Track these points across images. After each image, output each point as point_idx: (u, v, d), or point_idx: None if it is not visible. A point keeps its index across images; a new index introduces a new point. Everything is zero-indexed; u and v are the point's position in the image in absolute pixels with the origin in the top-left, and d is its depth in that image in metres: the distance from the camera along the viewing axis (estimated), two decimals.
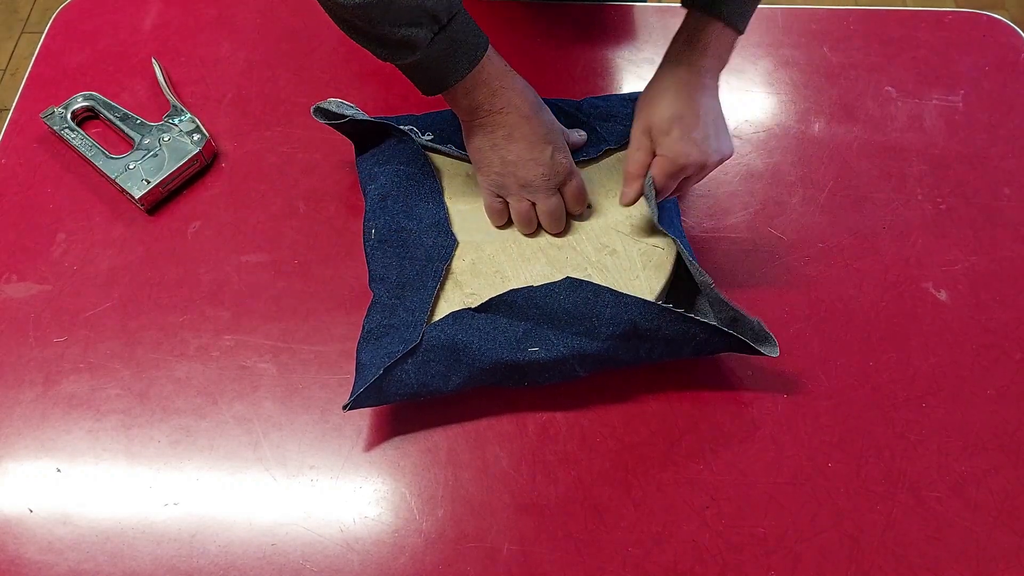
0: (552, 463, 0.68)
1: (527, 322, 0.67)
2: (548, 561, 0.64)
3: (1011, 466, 0.68)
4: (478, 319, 0.67)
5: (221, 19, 0.96)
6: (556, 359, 0.66)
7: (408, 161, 0.76)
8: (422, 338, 0.66)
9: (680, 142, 0.67)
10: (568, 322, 0.67)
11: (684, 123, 0.67)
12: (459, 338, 0.66)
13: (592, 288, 0.67)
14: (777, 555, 0.64)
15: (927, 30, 0.95)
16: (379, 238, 0.73)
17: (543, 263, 0.72)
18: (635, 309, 0.66)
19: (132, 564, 0.64)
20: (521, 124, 0.69)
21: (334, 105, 0.78)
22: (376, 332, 0.69)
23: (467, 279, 0.71)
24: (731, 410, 0.70)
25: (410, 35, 0.61)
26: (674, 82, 0.68)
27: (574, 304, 0.66)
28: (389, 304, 0.70)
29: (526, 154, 0.69)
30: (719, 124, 0.69)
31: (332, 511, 0.66)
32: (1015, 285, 0.77)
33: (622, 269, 0.71)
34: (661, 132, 0.68)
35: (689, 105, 0.67)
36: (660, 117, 0.67)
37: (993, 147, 0.86)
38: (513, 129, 0.69)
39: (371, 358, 0.67)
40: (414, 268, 0.71)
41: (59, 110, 0.85)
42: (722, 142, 0.69)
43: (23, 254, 0.79)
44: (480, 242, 0.73)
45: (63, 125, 0.85)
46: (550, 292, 0.67)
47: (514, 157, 0.69)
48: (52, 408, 0.71)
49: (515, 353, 0.66)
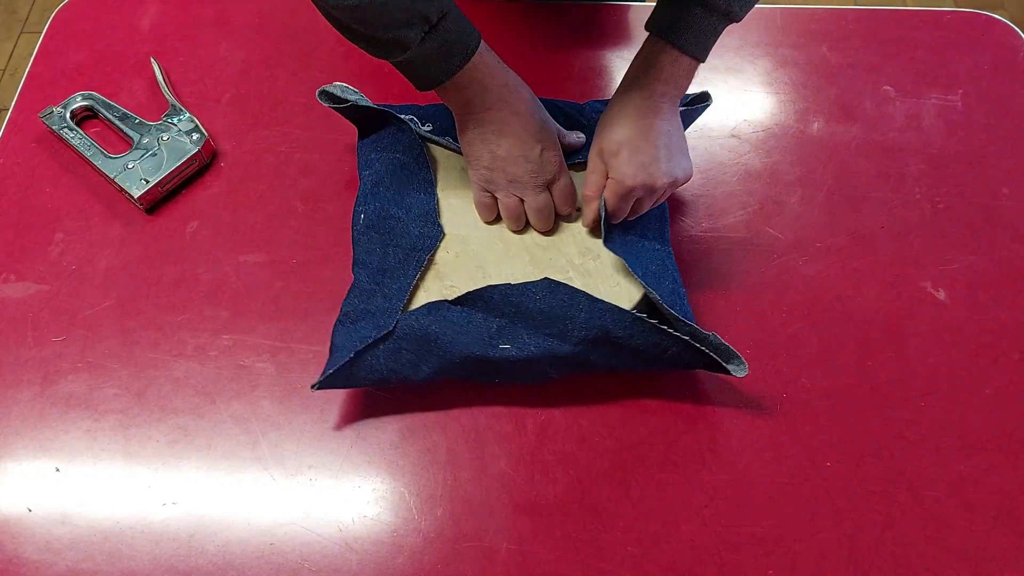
0: (551, 463, 0.68)
1: (502, 319, 0.68)
2: (546, 561, 0.64)
3: (1009, 466, 0.68)
4: (453, 312, 0.68)
5: (220, 19, 0.96)
6: (527, 358, 0.67)
7: (404, 150, 0.76)
8: (396, 325, 0.67)
9: (627, 165, 0.68)
10: (542, 322, 0.67)
11: (632, 146, 0.67)
12: (432, 329, 0.67)
13: (569, 291, 0.67)
14: (776, 555, 0.64)
15: (926, 30, 0.95)
16: (367, 223, 0.73)
17: (526, 262, 0.72)
18: (608, 316, 0.66)
19: (130, 563, 0.64)
20: (512, 120, 0.69)
21: (339, 89, 0.79)
22: (352, 315, 0.70)
23: (449, 271, 0.71)
24: (730, 410, 0.70)
25: (400, 36, 0.62)
26: (627, 106, 0.69)
27: (549, 305, 0.67)
28: (368, 289, 0.71)
29: (516, 150, 0.69)
30: (672, 147, 0.69)
31: (331, 510, 0.66)
32: (1013, 284, 0.77)
33: (603, 275, 0.71)
34: (611, 154, 0.69)
35: (639, 129, 0.68)
36: (610, 140, 0.69)
37: (991, 147, 0.86)
38: (504, 125, 0.69)
39: (344, 341, 0.68)
40: (397, 255, 0.71)
41: (58, 110, 0.85)
42: (674, 165, 0.69)
43: (21, 254, 0.79)
44: (466, 236, 0.73)
45: (62, 124, 0.85)
46: (527, 291, 0.68)
47: (503, 152, 0.70)
48: (50, 408, 0.71)
49: (486, 348, 0.67)
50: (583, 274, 0.71)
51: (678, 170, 0.69)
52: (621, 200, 0.69)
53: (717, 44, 0.69)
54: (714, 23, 0.67)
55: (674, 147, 0.69)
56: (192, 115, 0.85)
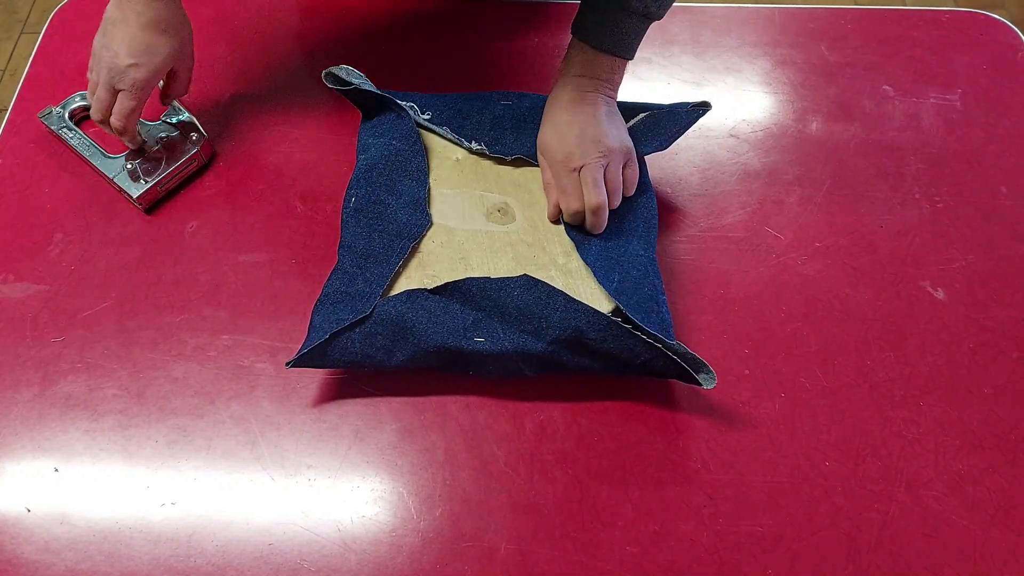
0: (550, 462, 0.68)
1: (478, 312, 0.68)
2: (546, 560, 0.64)
3: (1008, 464, 0.68)
4: (431, 301, 0.68)
5: (219, 18, 0.96)
6: (500, 353, 0.67)
7: (401, 137, 0.77)
8: (373, 310, 0.68)
9: (557, 150, 0.73)
10: (517, 319, 0.67)
11: (559, 133, 0.73)
12: (408, 316, 0.67)
13: (546, 289, 0.67)
14: (775, 554, 0.64)
15: (925, 29, 0.95)
16: (356, 206, 0.74)
17: (510, 257, 0.72)
18: (583, 317, 0.66)
19: (129, 564, 0.64)
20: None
21: (344, 72, 0.79)
22: (332, 297, 0.70)
23: (431, 260, 0.72)
24: (729, 409, 0.70)
25: None
26: (557, 104, 0.75)
27: (526, 302, 0.67)
28: (351, 272, 0.71)
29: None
30: (601, 123, 0.73)
31: (329, 510, 0.66)
32: (1012, 283, 0.77)
33: (585, 276, 0.71)
34: (545, 148, 0.75)
35: (570, 116, 0.73)
36: (544, 135, 0.75)
37: (990, 146, 0.86)
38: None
39: (322, 321, 0.69)
40: (383, 241, 0.72)
41: (57, 110, 0.85)
42: (602, 134, 0.72)
43: (20, 254, 0.79)
44: (454, 227, 0.74)
45: (61, 124, 0.85)
46: (505, 286, 0.68)
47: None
48: (49, 408, 0.71)
49: (460, 340, 0.67)
50: (565, 274, 0.71)
51: (611, 140, 0.72)
52: (567, 182, 0.72)
53: (715, 44, 0.69)
54: (635, 24, 0.71)
55: (604, 123, 0.73)
56: (191, 115, 0.85)
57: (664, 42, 0.94)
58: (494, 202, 0.76)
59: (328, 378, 0.72)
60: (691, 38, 0.94)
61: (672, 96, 0.90)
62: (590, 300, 0.68)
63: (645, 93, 0.90)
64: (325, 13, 0.97)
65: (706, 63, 0.93)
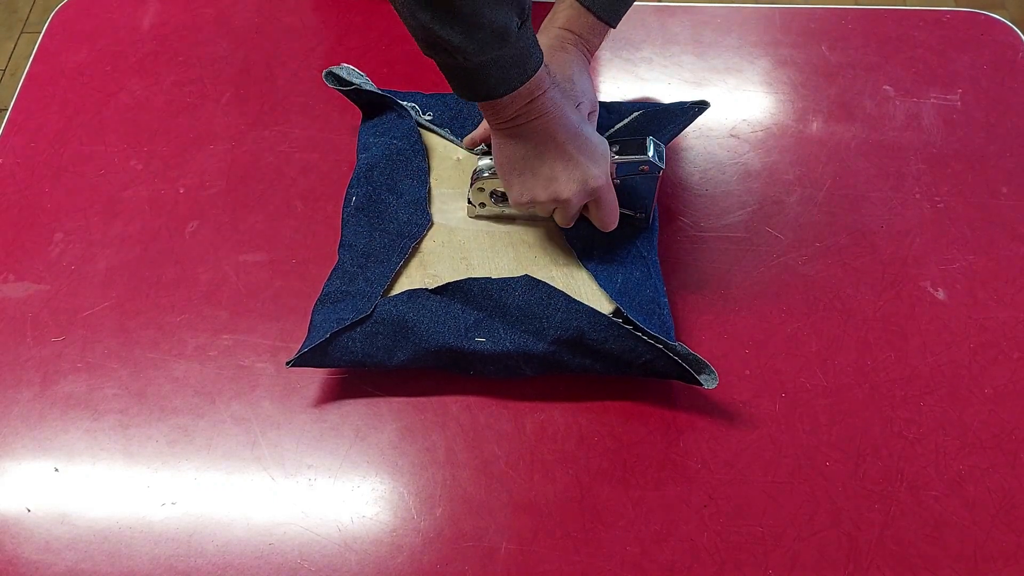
0: (550, 462, 0.68)
1: (479, 312, 0.68)
2: (546, 560, 0.64)
3: (1009, 464, 0.68)
4: (432, 301, 0.68)
5: (219, 18, 0.96)
6: (501, 353, 0.67)
7: (402, 137, 0.77)
8: (374, 310, 0.68)
9: None
10: (518, 319, 0.67)
11: None
12: (409, 316, 0.67)
13: (547, 290, 0.67)
14: (775, 554, 0.64)
15: (925, 29, 0.95)
16: (357, 205, 0.74)
17: (510, 258, 0.72)
18: (584, 318, 0.66)
19: (130, 563, 0.64)
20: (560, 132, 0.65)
21: (344, 72, 0.79)
22: (333, 296, 0.70)
23: (432, 260, 0.72)
24: (729, 409, 0.70)
25: (504, 22, 0.56)
26: None
27: (527, 302, 0.67)
28: (351, 271, 0.71)
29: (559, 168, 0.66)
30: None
31: (330, 510, 0.66)
32: (1013, 284, 0.77)
33: (585, 278, 0.71)
34: None
35: None
36: None
37: (991, 146, 0.86)
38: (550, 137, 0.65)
39: (322, 321, 0.69)
40: (383, 240, 0.72)
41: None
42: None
43: (21, 253, 0.79)
44: (454, 227, 0.74)
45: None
46: (506, 286, 0.68)
47: (547, 171, 0.66)
48: (50, 408, 0.71)
49: (461, 340, 0.67)
50: (566, 275, 0.71)
51: (579, 95, 0.71)
52: None
53: (715, 44, 0.69)
54: None
55: (575, 76, 0.71)
56: None
57: (664, 42, 0.94)
58: None
59: (329, 378, 0.72)
60: (692, 38, 0.94)
61: (672, 96, 0.90)
62: (591, 301, 0.68)
63: (645, 93, 0.90)
64: (326, 13, 0.97)
65: (707, 63, 0.93)
